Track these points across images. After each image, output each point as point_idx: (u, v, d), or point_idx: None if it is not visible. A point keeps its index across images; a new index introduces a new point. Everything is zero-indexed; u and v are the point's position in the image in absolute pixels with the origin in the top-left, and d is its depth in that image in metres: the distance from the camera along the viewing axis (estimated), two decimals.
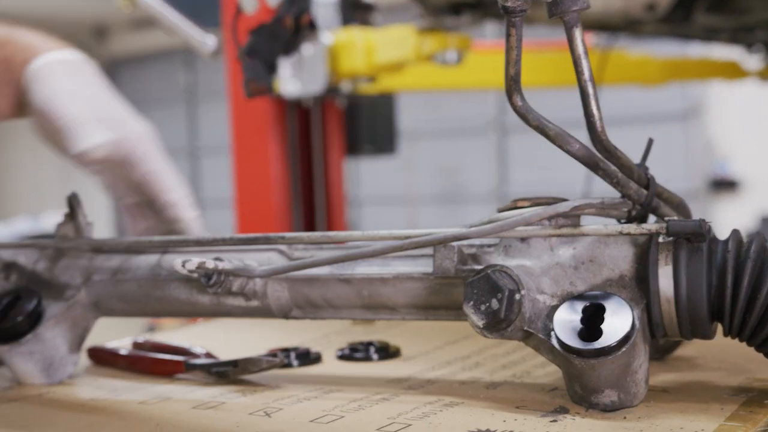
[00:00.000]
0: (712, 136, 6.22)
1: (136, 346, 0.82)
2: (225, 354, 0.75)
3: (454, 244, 0.61)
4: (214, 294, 0.67)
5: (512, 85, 0.57)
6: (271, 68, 1.36)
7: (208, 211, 9.78)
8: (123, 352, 0.77)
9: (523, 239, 0.60)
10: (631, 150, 0.63)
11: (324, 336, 0.87)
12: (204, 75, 9.49)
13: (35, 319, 0.70)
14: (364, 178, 7.14)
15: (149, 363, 0.74)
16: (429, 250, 0.62)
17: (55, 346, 0.71)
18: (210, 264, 0.64)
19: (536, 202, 0.61)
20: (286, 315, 0.68)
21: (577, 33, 0.58)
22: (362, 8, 2.57)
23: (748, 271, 0.54)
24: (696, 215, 0.67)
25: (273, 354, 0.74)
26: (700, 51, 3.21)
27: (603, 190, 0.63)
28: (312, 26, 1.24)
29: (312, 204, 2.85)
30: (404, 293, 0.63)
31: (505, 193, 7.42)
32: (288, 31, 1.22)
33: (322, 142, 2.83)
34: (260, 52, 1.26)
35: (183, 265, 0.63)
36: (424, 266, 0.63)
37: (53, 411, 0.63)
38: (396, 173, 7.19)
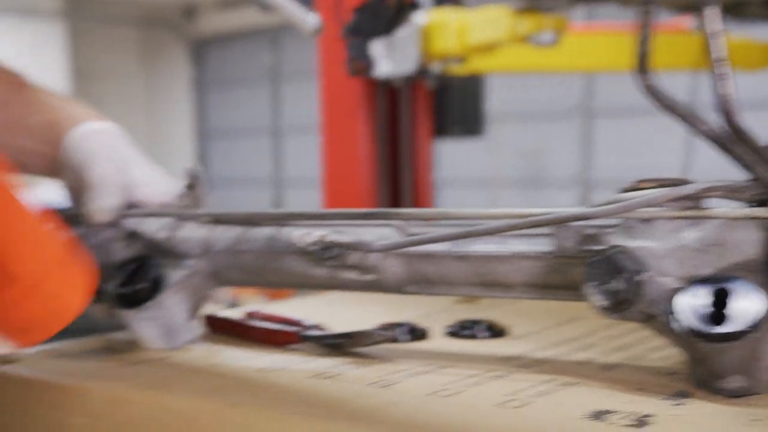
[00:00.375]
0: None
1: (249, 315, 0.84)
2: (333, 327, 0.76)
3: (575, 224, 0.61)
4: (330, 267, 0.69)
5: (643, 63, 0.57)
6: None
7: (291, 191, 9.90)
8: (238, 321, 0.79)
9: (646, 220, 0.59)
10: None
11: (428, 313, 0.87)
12: (288, 55, 9.59)
13: (157, 286, 0.73)
14: (443, 159, 7.12)
15: (263, 333, 0.76)
16: (546, 230, 0.62)
17: (175, 313, 0.74)
18: (329, 237, 0.65)
19: (661, 183, 0.60)
20: (400, 290, 0.69)
21: (713, 12, 0.57)
22: None
23: None
24: None
25: (384, 328, 0.75)
26: None
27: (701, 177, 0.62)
28: (414, 5, 1.24)
29: (398, 185, 2.86)
30: (521, 272, 0.64)
31: (589, 178, 7.31)
32: (390, 9, 1.22)
33: (411, 123, 2.83)
34: (363, 31, 1.27)
35: (302, 238, 0.65)
36: (542, 245, 0.63)
37: (177, 374, 0.65)
38: (475, 156, 7.15)
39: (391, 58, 2.10)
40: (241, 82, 9.45)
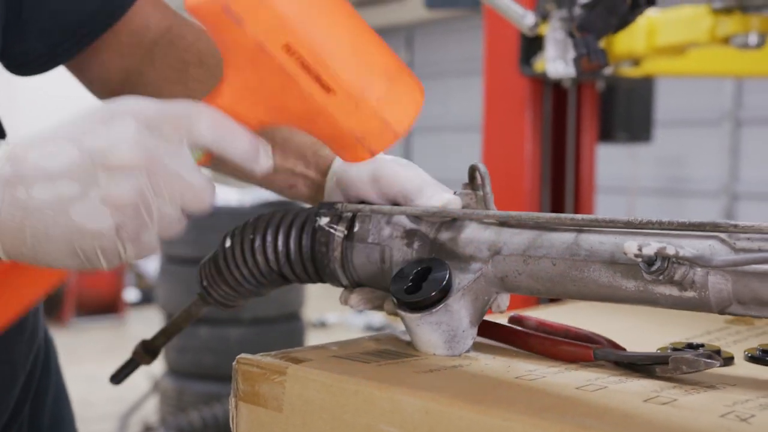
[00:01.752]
0: None
1: (514, 321, 0.79)
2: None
3: None
4: (649, 281, 0.63)
5: None
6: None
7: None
8: (519, 329, 0.74)
9: None
10: None
11: (708, 332, 0.80)
12: (420, 55, 9.59)
13: (446, 290, 0.68)
14: None
15: (552, 345, 0.70)
16: None
17: (460, 318, 0.69)
18: (671, 250, 0.59)
19: None
20: (722, 310, 0.62)
21: None
22: None
23: None
24: None
25: (674, 349, 0.69)
26: None
27: None
28: (651, 2, 1.17)
29: (561, 189, 2.78)
30: None
31: (735, 190, 6.99)
32: (626, 4, 1.15)
33: (577, 126, 2.75)
34: (594, 28, 1.20)
35: (638, 248, 0.59)
36: None
37: (487, 387, 0.60)
38: (616, 161, 6.95)
39: (564, 58, 2.02)
40: None
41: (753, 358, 0.71)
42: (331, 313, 7.15)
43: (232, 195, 4.05)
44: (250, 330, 3.89)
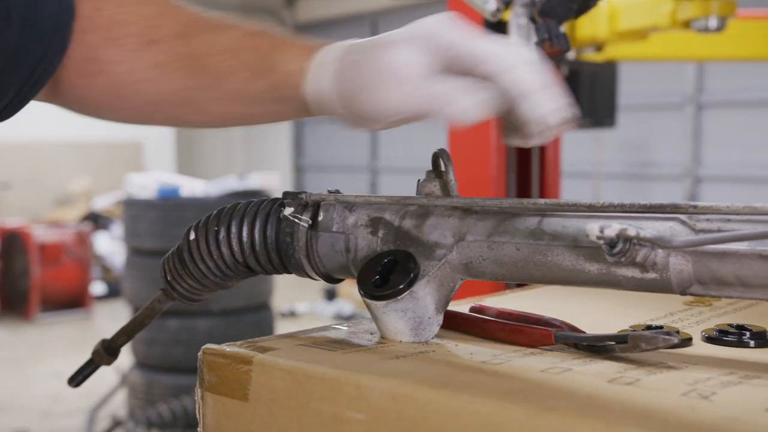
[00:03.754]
0: None
1: (474, 310, 0.79)
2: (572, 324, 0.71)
3: None
4: (611, 263, 0.63)
5: None
6: None
7: (385, 176, 9.85)
8: (480, 317, 0.75)
9: None
10: None
11: (670, 314, 0.81)
12: None
13: (412, 278, 0.69)
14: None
15: (512, 331, 0.71)
16: None
17: (425, 305, 0.70)
18: (632, 231, 0.59)
19: None
20: (684, 290, 0.63)
21: None
22: None
23: None
24: None
25: (635, 330, 0.69)
26: None
27: None
28: None
29: (527, 175, 2.79)
30: None
31: (698, 173, 7.08)
32: None
33: None
34: (555, 13, 1.21)
35: (600, 231, 0.60)
36: None
37: (454, 372, 0.61)
38: (581, 146, 7.00)
39: (527, 43, 2.03)
40: None
41: (710, 339, 0.72)
42: (300, 303, 7.15)
43: (197, 186, 4.03)
44: (219, 321, 3.87)
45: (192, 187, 3.96)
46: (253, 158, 10.51)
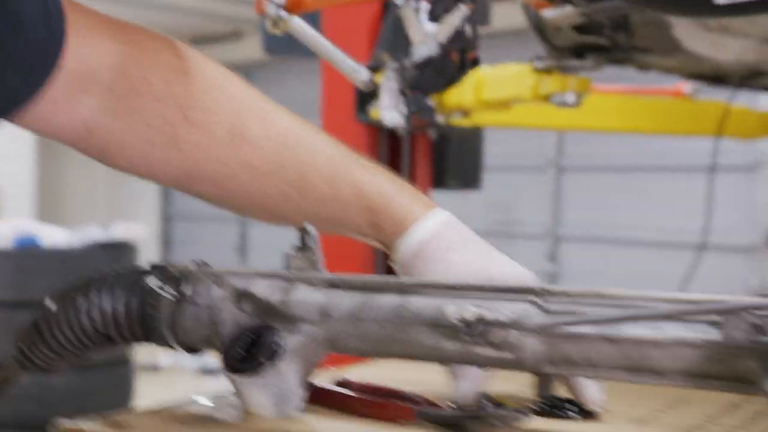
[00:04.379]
0: None
1: (340, 384, 0.80)
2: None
3: (746, 312, 0.59)
4: (467, 343, 0.66)
5: None
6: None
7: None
8: (342, 392, 0.76)
9: None
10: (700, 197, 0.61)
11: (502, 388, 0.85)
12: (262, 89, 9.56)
13: (275, 352, 0.69)
14: None
15: (375, 407, 0.72)
16: (714, 315, 0.60)
17: (289, 379, 0.70)
18: (488, 315, 0.62)
19: None
20: (536, 369, 0.67)
21: None
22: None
23: None
24: (755, 270, 0.64)
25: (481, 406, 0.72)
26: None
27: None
28: (476, 62, 1.23)
29: None
30: (678, 359, 0.61)
31: (558, 233, 7.36)
32: (454, 66, 1.21)
33: (410, 173, 2.83)
34: (424, 86, 1.26)
35: (457, 313, 0.62)
36: (705, 332, 0.61)
37: None
38: (446, 205, 7.17)
39: (397, 108, 2.09)
40: None
41: (538, 411, 0.75)
42: (163, 356, 6.94)
43: (59, 235, 3.89)
44: (75, 376, 3.72)
45: (53, 237, 3.82)
46: (118, 204, 10.23)
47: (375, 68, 2.13)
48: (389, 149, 2.78)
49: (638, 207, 6.79)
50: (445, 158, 2.98)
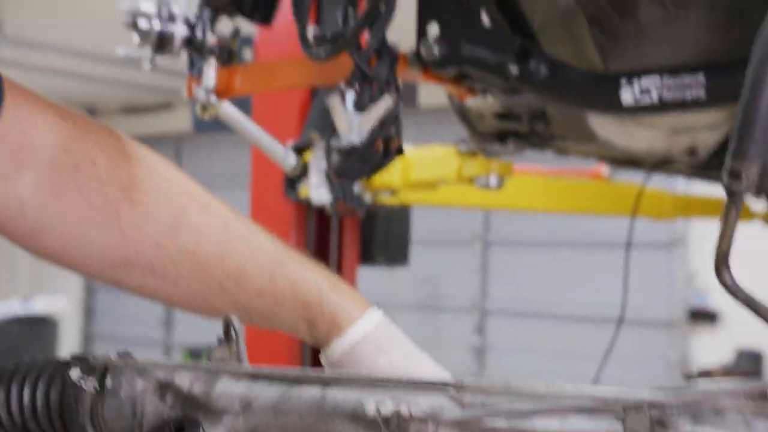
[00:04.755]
0: (694, 268, 6.34)
1: None
2: None
3: (645, 407, 0.62)
4: None
5: (722, 260, 0.60)
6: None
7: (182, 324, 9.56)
8: None
9: (717, 411, 0.61)
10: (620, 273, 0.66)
11: None
12: (188, 166, 9.56)
13: None
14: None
15: None
16: (616, 409, 0.64)
17: None
18: (405, 411, 0.64)
19: (727, 372, 0.63)
20: None
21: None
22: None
23: None
24: (676, 345, 0.69)
25: None
26: (703, 187, 3.31)
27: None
28: (400, 151, 1.28)
29: None
30: None
31: (484, 307, 7.44)
32: (378, 154, 1.26)
33: (339, 249, 2.85)
34: (349, 174, 1.29)
35: (376, 407, 0.64)
36: (609, 424, 0.64)
37: None
38: (377, 278, 7.21)
39: (327, 187, 2.13)
40: None
41: None
42: None
43: None
44: None
45: None
46: (40, 273, 9.97)
47: (304, 147, 2.17)
48: (318, 226, 2.81)
49: (562, 282, 6.93)
50: (373, 235, 3.02)
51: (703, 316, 6.20)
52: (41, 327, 3.75)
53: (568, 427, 0.65)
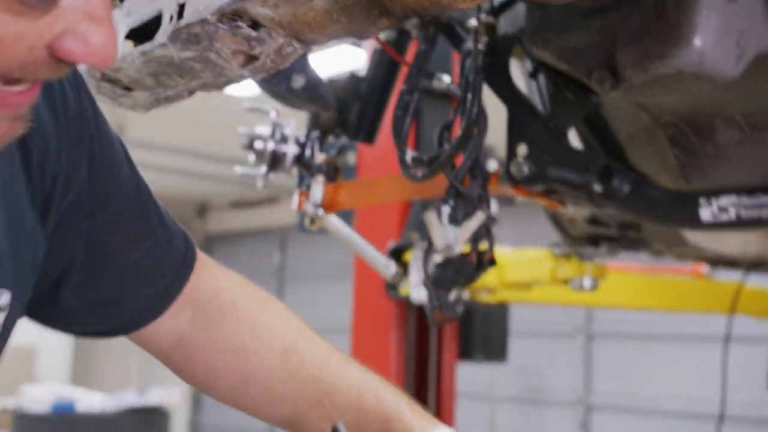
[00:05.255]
0: None
1: None
2: None
3: None
4: None
5: None
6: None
7: None
8: None
9: None
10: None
11: None
12: (292, 257, 9.82)
13: None
14: None
15: None
16: None
17: None
18: None
19: None
20: None
21: None
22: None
23: None
24: None
25: None
26: None
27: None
28: (492, 262, 1.37)
29: (424, 402, 2.91)
30: None
31: (589, 401, 7.30)
32: (472, 266, 1.35)
33: (438, 346, 2.93)
34: (445, 284, 1.39)
35: None
36: None
37: None
38: (479, 370, 7.18)
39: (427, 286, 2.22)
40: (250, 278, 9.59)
41: None
42: None
43: (95, 400, 3.98)
44: None
45: (89, 401, 3.91)
46: (150, 369, 10.31)
47: (404, 247, 2.29)
48: (417, 323, 2.90)
49: (667, 376, 6.76)
50: (471, 332, 3.09)
51: None
52: (155, 417, 3.92)
53: None
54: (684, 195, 1.23)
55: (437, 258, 1.38)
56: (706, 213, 1.17)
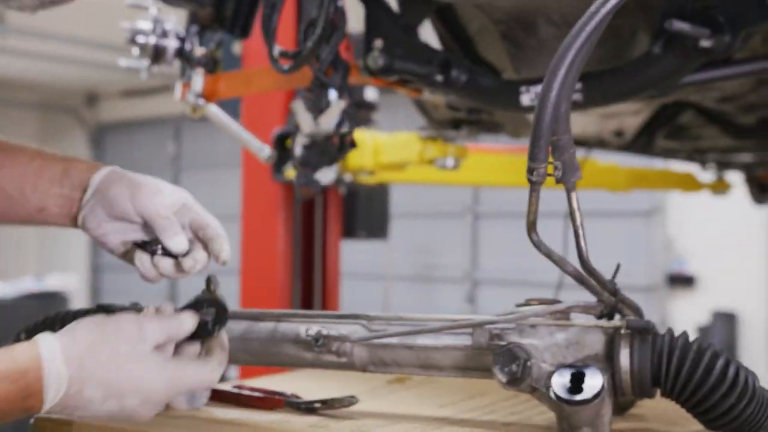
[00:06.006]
0: (672, 235, 6.64)
1: (235, 387, 1.11)
2: (303, 396, 1.05)
3: (486, 326, 0.93)
4: (317, 352, 0.98)
5: (531, 226, 0.90)
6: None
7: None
8: (236, 391, 1.07)
9: (532, 326, 0.91)
10: (601, 240, 0.95)
11: (372, 389, 1.17)
12: (188, 146, 9.84)
13: None
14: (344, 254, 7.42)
15: (256, 399, 1.04)
16: (467, 330, 0.94)
17: None
18: (324, 331, 0.95)
19: (542, 301, 0.93)
20: (364, 369, 0.99)
21: (573, 195, 0.90)
22: (365, 107, 2.94)
23: (677, 355, 0.86)
24: (654, 308, 0.95)
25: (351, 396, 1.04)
26: (661, 163, 3.60)
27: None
28: (353, 144, 1.57)
29: (310, 280, 3.16)
30: (450, 358, 0.95)
31: (475, 276, 7.75)
32: (335, 148, 1.55)
33: (323, 226, 3.16)
34: (311, 164, 1.58)
35: (306, 331, 0.94)
36: (464, 340, 0.94)
37: (217, 426, 0.92)
38: (373, 251, 7.51)
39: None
40: (143, 169, 9.55)
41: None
42: None
43: None
44: None
45: None
46: (48, 255, 10.30)
47: (287, 134, 2.47)
48: (303, 205, 3.11)
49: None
50: (354, 212, 3.32)
51: (680, 281, 6.51)
52: (53, 301, 4.06)
53: (438, 342, 0.95)
54: (508, 83, 1.45)
55: (304, 141, 1.57)
56: (525, 98, 1.39)
